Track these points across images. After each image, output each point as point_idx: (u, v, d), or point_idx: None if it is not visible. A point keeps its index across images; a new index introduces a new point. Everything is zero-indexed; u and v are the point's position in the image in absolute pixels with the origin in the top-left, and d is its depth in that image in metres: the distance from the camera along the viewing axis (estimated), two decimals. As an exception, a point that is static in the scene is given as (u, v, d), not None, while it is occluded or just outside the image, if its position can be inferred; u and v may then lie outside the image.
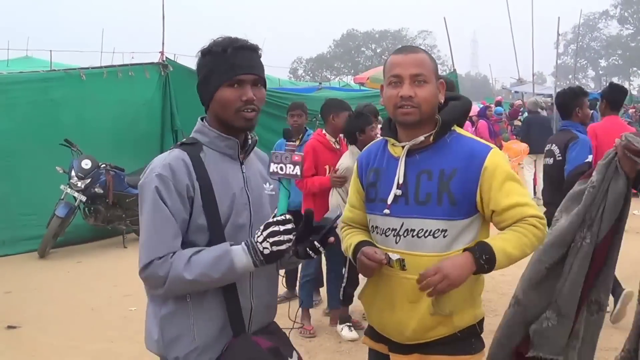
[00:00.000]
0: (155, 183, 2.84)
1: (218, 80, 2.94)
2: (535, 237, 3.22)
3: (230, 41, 2.97)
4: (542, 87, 43.94)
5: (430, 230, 3.23)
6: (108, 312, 8.39)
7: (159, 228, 2.84)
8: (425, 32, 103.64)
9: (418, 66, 3.22)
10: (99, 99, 13.05)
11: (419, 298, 3.24)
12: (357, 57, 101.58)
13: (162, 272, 2.80)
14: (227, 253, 2.82)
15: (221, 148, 3.03)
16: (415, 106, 3.20)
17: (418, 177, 3.27)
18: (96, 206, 12.00)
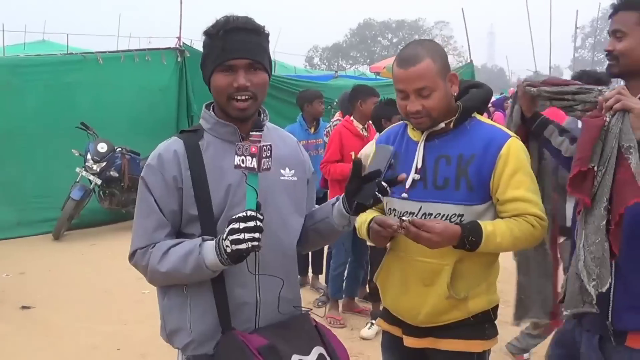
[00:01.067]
0: (143, 173, 2.85)
1: (211, 65, 2.82)
2: (530, 235, 3.24)
3: (224, 22, 2.80)
4: (559, 80, 43.59)
5: (447, 214, 3.24)
6: (121, 295, 8.44)
7: (143, 219, 2.85)
8: (442, 23, 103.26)
9: (420, 79, 3.18)
10: (116, 83, 13.05)
11: (434, 281, 3.28)
12: (374, 47, 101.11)
13: (143, 262, 2.81)
14: (195, 249, 2.72)
15: (222, 134, 2.90)
16: (425, 116, 3.23)
17: (437, 161, 3.29)
18: (111, 189, 12.05)
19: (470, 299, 3.29)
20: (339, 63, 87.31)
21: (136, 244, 2.84)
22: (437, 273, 3.27)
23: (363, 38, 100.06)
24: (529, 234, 3.23)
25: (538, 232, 3.25)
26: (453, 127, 3.32)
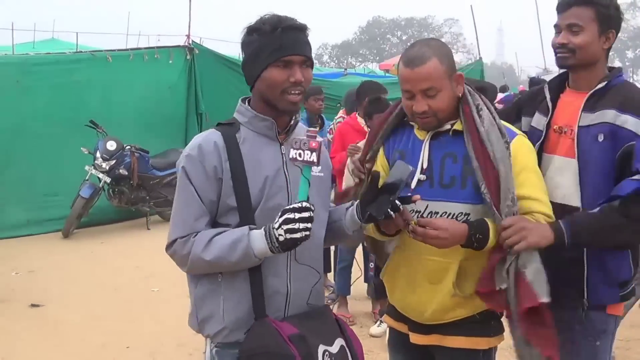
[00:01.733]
0: (183, 163, 2.87)
1: (266, 60, 2.89)
2: None
3: (280, 20, 2.90)
4: (568, 77, 43.52)
5: (453, 213, 3.22)
6: (130, 292, 8.45)
7: (184, 208, 2.89)
8: (451, 20, 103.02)
9: (427, 80, 3.16)
10: (125, 81, 13.06)
11: (440, 279, 3.27)
12: (383, 44, 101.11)
13: (184, 252, 2.85)
14: (244, 237, 2.79)
15: (259, 128, 2.99)
16: (431, 115, 3.20)
17: (443, 160, 3.26)
18: (120, 187, 12.04)
19: (476, 296, 3.27)
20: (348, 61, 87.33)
21: (177, 232, 2.88)
22: (444, 271, 3.26)
23: (372, 36, 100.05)
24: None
25: None
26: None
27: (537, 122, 3.61)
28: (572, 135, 3.39)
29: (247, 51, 2.96)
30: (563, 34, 3.43)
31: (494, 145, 3.15)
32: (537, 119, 3.63)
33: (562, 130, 3.46)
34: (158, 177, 12.39)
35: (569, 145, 3.40)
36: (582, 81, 3.47)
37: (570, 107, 3.46)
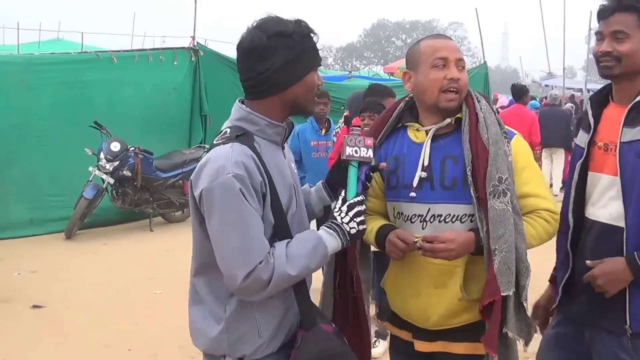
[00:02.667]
0: (237, 185, 2.66)
1: (309, 64, 2.89)
2: (544, 230, 3.25)
3: (307, 25, 2.90)
4: (572, 81, 43.70)
5: (457, 215, 3.21)
6: (133, 294, 8.43)
7: (255, 231, 2.72)
8: (456, 24, 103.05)
9: (460, 52, 3.26)
10: (130, 82, 13.09)
11: (445, 283, 3.24)
12: (387, 47, 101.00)
13: (266, 275, 2.68)
14: (320, 241, 2.80)
15: (270, 136, 2.91)
16: (458, 91, 3.21)
17: (443, 162, 3.25)
18: (124, 189, 12.05)
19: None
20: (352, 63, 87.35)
21: (255, 258, 2.67)
22: (449, 274, 3.24)
23: (377, 38, 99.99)
24: (544, 231, 3.24)
25: (552, 227, 3.27)
26: (458, 126, 3.30)
27: (580, 140, 3.49)
28: (615, 152, 3.24)
29: (279, 55, 2.81)
30: (607, 41, 3.26)
31: (489, 128, 3.19)
32: (580, 137, 3.51)
33: (607, 147, 3.31)
34: (162, 179, 12.38)
35: (613, 162, 3.25)
36: (625, 93, 3.29)
37: (613, 122, 3.30)
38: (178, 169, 12.64)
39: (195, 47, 14.44)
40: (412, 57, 3.36)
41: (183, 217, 13.09)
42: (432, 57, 3.22)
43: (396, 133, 3.51)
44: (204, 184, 2.70)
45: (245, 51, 2.86)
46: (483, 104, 3.30)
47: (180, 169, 12.65)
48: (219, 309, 2.86)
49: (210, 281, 2.88)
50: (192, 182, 2.78)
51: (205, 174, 2.72)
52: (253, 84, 2.88)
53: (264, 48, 2.80)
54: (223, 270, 2.73)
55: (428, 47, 3.28)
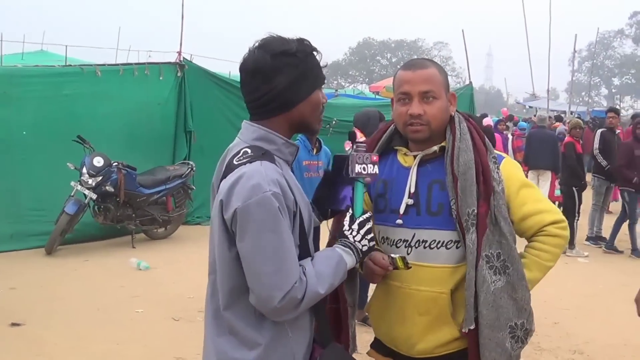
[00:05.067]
0: (275, 203, 2.63)
1: (314, 83, 2.87)
2: (556, 246, 3.24)
3: (310, 43, 2.89)
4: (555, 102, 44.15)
5: (442, 241, 3.18)
6: (115, 313, 8.28)
7: (291, 251, 2.69)
8: (441, 44, 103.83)
9: (427, 83, 3.16)
10: (114, 96, 12.99)
11: (429, 310, 3.20)
12: (372, 66, 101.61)
13: (300, 295, 2.66)
14: (342, 259, 2.83)
15: (285, 155, 2.89)
16: (425, 124, 3.16)
17: (430, 187, 3.22)
18: (106, 204, 11.90)
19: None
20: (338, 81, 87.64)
21: (291, 278, 2.64)
22: (433, 302, 3.19)
23: (362, 57, 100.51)
24: (555, 247, 3.25)
25: (561, 238, 3.26)
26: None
27: None
28: None
29: (289, 74, 2.79)
30: None
31: (460, 156, 3.15)
32: None
33: None
34: (145, 195, 12.24)
35: None
36: None
37: None
38: (161, 185, 12.53)
39: (181, 62, 14.38)
40: (392, 86, 3.37)
41: (166, 234, 13.01)
42: (397, 90, 3.25)
43: (387, 156, 3.47)
44: (238, 203, 2.62)
45: (250, 72, 2.82)
46: (464, 127, 3.27)
47: (164, 185, 12.54)
48: (254, 335, 2.77)
49: (241, 308, 2.77)
50: (223, 203, 2.69)
51: (238, 193, 2.64)
52: (259, 105, 2.85)
53: (268, 68, 2.77)
54: (257, 291, 2.65)
55: (397, 79, 3.29)
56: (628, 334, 8.07)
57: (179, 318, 8.12)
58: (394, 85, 3.29)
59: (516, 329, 3.15)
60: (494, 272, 3.09)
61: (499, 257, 3.10)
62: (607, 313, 9.04)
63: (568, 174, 13.13)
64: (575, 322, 8.55)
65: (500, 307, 3.09)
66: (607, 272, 11.69)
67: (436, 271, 3.17)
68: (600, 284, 10.71)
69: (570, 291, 9.56)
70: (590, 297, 9.83)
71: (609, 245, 13.26)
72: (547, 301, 8.56)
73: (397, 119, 3.25)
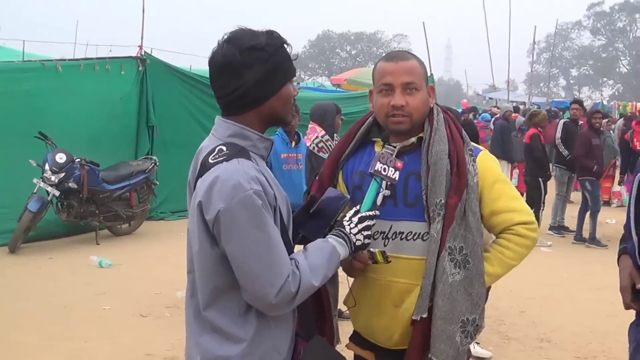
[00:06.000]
0: (258, 201, 2.61)
1: (285, 76, 2.83)
2: (521, 246, 3.24)
3: (279, 35, 2.85)
4: (514, 94, 44.47)
5: (419, 232, 3.19)
6: (82, 310, 8.19)
7: (280, 246, 2.67)
8: (400, 36, 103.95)
9: (409, 74, 3.18)
10: (75, 91, 12.86)
11: (404, 301, 3.21)
12: (332, 59, 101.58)
13: (294, 288, 2.65)
14: (334, 250, 2.83)
15: (260, 150, 2.85)
16: (407, 115, 3.16)
17: (407, 178, 3.21)
18: (69, 201, 11.75)
19: None
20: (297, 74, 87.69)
21: (284, 272, 2.63)
22: (408, 293, 3.21)
23: (322, 50, 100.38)
24: (521, 247, 3.24)
25: (530, 239, 3.24)
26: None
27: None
28: None
29: (259, 69, 2.75)
30: None
31: (434, 146, 3.17)
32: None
33: None
34: (108, 191, 12.12)
35: None
36: None
37: None
38: (125, 180, 12.44)
39: (142, 57, 14.30)
40: (372, 78, 3.38)
41: (130, 229, 12.92)
42: (378, 82, 3.25)
43: (364, 147, 3.48)
44: (220, 204, 2.58)
45: (219, 67, 2.79)
46: (441, 119, 3.28)
47: (127, 180, 12.46)
48: (238, 332, 2.75)
49: (223, 306, 2.74)
50: (202, 204, 2.64)
51: (219, 193, 2.60)
52: (229, 101, 2.81)
53: (237, 63, 2.74)
54: (251, 290, 2.64)
55: (377, 70, 3.29)
56: (593, 321, 8.19)
57: (146, 314, 8.06)
58: (375, 77, 3.29)
59: (467, 324, 3.14)
60: (455, 265, 3.10)
61: (461, 251, 3.11)
62: (572, 301, 9.17)
63: (534, 165, 13.21)
64: (542, 311, 8.63)
65: (456, 300, 3.10)
66: (571, 261, 11.85)
67: (412, 263, 3.18)
68: (564, 273, 10.85)
69: (535, 280, 9.65)
70: (555, 285, 9.94)
71: (577, 237, 13.41)
72: (513, 291, 8.65)
73: (378, 111, 3.25)
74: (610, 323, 7.84)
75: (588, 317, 8.39)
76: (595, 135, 13.21)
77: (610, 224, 15.15)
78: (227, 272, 2.68)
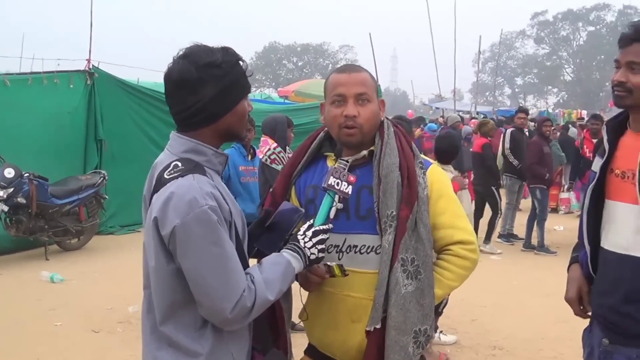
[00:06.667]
0: (214, 217, 2.62)
1: (240, 93, 2.86)
2: (460, 267, 3.27)
3: (234, 52, 2.86)
4: (460, 103, 44.85)
5: (372, 246, 3.18)
6: (33, 327, 8.11)
7: (235, 261, 2.69)
8: (346, 47, 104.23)
9: (362, 85, 3.20)
10: (23, 106, 12.75)
11: (361, 317, 3.19)
12: (279, 70, 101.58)
13: (250, 302, 2.66)
14: (289, 264, 2.85)
15: (215, 165, 2.87)
16: (357, 126, 3.18)
17: (359, 192, 3.21)
18: (18, 216, 11.63)
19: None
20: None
21: (239, 288, 2.65)
22: (364, 309, 3.18)
23: (268, 61, 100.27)
24: (460, 268, 3.27)
25: (469, 260, 3.27)
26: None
27: (595, 165, 3.41)
28: (634, 180, 3.17)
29: (215, 85, 2.76)
30: (622, 71, 3.18)
31: (384, 159, 3.19)
32: (595, 162, 3.43)
33: (624, 174, 3.23)
34: (57, 206, 12.00)
35: (631, 190, 3.18)
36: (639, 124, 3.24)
37: (630, 150, 3.22)
38: (74, 195, 12.31)
39: (90, 70, 14.19)
40: (324, 91, 3.38)
41: (79, 244, 12.77)
42: (331, 93, 3.25)
43: (317, 162, 3.48)
44: (176, 220, 2.59)
45: (175, 84, 2.79)
46: (391, 132, 3.30)
47: (77, 195, 12.34)
48: (194, 347, 2.75)
49: (179, 321, 2.75)
50: (158, 220, 2.65)
51: (174, 209, 2.61)
52: (185, 117, 2.81)
53: (194, 80, 2.74)
54: (207, 305, 2.65)
55: (330, 82, 3.30)
56: (544, 327, 8.29)
57: (99, 330, 8.01)
58: (327, 89, 3.31)
59: (419, 335, 3.14)
60: (407, 276, 3.10)
61: (413, 262, 3.11)
62: (523, 308, 9.27)
63: (486, 174, 13.29)
64: (493, 319, 8.72)
65: (409, 311, 3.10)
66: (520, 268, 11.98)
67: (367, 277, 3.17)
68: (514, 280, 10.97)
69: (486, 288, 9.70)
70: (505, 293, 10.05)
71: (526, 245, 13.51)
72: (464, 299, 8.71)
73: (331, 122, 3.26)
74: (561, 328, 7.93)
75: (539, 323, 8.49)
76: (546, 143, 13.35)
77: (558, 230, 15.35)
78: (183, 287, 2.68)
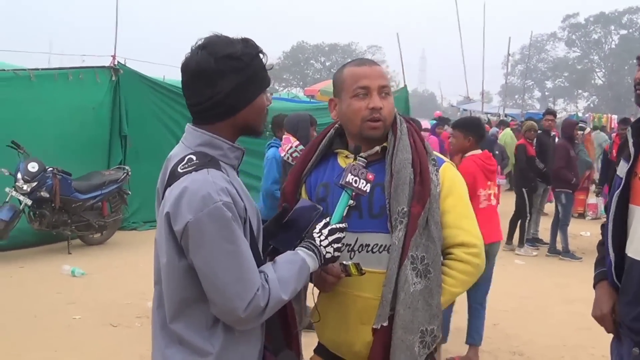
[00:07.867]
0: (228, 213, 2.56)
1: (259, 86, 2.81)
2: (462, 273, 3.21)
3: (255, 44, 2.81)
4: (489, 105, 44.63)
5: (385, 245, 3.14)
6: (51, 320, 8.17)
7: (249, 259, 2.62)
8: (374, 47, 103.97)
9: (384, 78, 3.20)
10: (48, 101, 12.83)
11: (371, 319, 3.14)
12: (306, 70, 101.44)
13: (263, 302, 2.60)
14: (304, 263, 2.79)
15: (230, 160, 2.80)
16: (382, 119, 3.15)
17: (372, 190, 3.13)
18: (41, 210, 11.72)
19: None
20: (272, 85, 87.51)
21: (253, 286, 2.59)
22: (374, 309, 3.13)
23: (296, 61, 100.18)
24: (462, 273, 3.22)
25: (472, 265, 3.22)
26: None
27: (620, 170, 3.27)
28: None
29: (233, 78, 2.70)
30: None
31: (397, 155, 3.16)
32: (620, 166, 3.28)
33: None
34: (80, 200, 12.09)
35: None
36: None
37: None
38: (97, 190, 12.41)
39: (115, 66, 14.25)
40: (336, 85, 3.33)
41: (102, 239, 12.86)
42: (353, 86, 3.19)
43: (327, 159, 3.45)
44: (189, 215, 2.53)
45: (193, 75, 2.72)
46: (404, 128, 3.27)
47: (100, 190, 12.44)
48: (204, 345, 2.70)
49: (189, 319, 2.70)
50: (170, 215, 2.59)
51: (188, 205, 2.55)
52: (202, 109, 2.75)
53: (212, 72, 2.68)
54: (220, 303, 2.59)
55: (350, 75, 3.24)
56: (565, 334, 8.20)
57: (116, 324, 8.04)
58: (345, 82, 3.24)
59: (426, 335, 3.09)
60: (416, 274, 3.06)
61: (423, 260, 3.07)
62: (545, 314, 9.17)
63: (518, 176, 13.22)
64: (514, 324, 8.62)
65: (417, 309, 3.05)
66: (542, 273, 11.83)
67: (378, 277, 3.12)
68: (537, 286, 10.84)
69: (507, 293, 9.64)
70: (527, 298, 9.94)
71: (551, 250, 13.35)
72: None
73: (352, 116, 3.21)
74: (583, 336, 7.84)
75: (560, 330, 8.40)
76: (572, 147, 13.09)
77: (584, 236, 15.16)
78: (194, 284, 2.62)
